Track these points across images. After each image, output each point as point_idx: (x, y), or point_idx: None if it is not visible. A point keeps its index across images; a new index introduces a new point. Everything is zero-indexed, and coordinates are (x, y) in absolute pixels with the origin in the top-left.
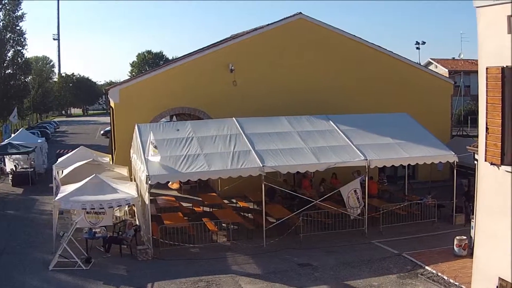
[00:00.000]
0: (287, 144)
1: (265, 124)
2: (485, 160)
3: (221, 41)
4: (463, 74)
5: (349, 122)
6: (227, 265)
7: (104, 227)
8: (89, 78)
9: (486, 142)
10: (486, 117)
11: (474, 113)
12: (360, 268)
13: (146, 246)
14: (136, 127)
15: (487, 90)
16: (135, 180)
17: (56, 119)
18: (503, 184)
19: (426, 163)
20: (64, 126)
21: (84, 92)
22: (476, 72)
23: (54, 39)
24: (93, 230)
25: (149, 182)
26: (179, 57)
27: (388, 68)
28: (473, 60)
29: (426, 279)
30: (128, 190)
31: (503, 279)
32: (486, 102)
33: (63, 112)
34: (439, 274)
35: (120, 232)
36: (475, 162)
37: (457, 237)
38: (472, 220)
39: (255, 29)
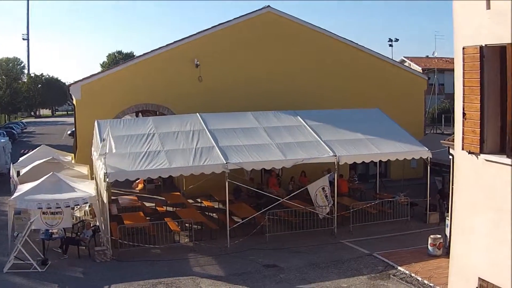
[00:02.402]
0: (252, 140)
1: (230, 120)
2: (462, 149)
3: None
4: (437, 72)
5: (317, 118)
6: (189, 266)
7: (61, 228)
8: (58, 78)
9: (463, 129)
10: (463, 101)
11: (449, 111)
12: (328, 269)
13: (104, 247)
14: (95, 123)
15: (464, 72)
16: (96, 179)
17: (24, 120)
18: (482, 175)
19: (398, 159)
20: (32, 126)
21: (53, 93)
22: (451, 70)
23: (23, 39)
24: (50, 231)
25: (107, 179)
26: (143, 53)
27: (360, 63)
28: (447, 58)
29: (398, 280)
30: (86, 188)
31: (483, 280)
32: (463, 85)
33: (32, 113)
34: (413, 274)
35: (78, 233)
36: (450, 157)
37: (431, 236)
38: (447, 218)
39: (222, 23)
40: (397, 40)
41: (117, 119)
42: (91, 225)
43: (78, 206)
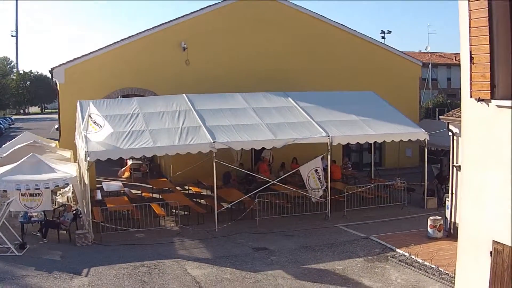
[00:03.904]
0: (241, 120)
1: (217, 101)
2: (471, 97)
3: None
4: (431, 67)
5: (309, 99)
6: (174, 250)
7: (41, 211)
8: (48, 76)
9: (471, 75)
10: (470, 44)
11: (443, 105)
12: (322, 251)
13: (85, 231)
14: (78, 104)
15: (469, 12)
16: (78, 162)
17: (13, 117)
18: (493, 124)
19: (394, 141)
20: (20, 122)
21: (42, 90)
22: (444, 64)
23: (12, 35)
24: (29, 214)
25: (88, 159)
26: (129, 36)
27: (353, 48)
28: (440, 53)
29: (397, 262)
30: (67, 170)
31: (498, 243)
32: (469, 27)
33: (21, 110)
34: (412, 256)
35: (59, 217)
36: (450, 134)
37: (431, 217)
38: (447, 200)
39: (210, 6)
40: (389, 32)
41: (100, 100)
42: (72, 208)
43: (60, 191)
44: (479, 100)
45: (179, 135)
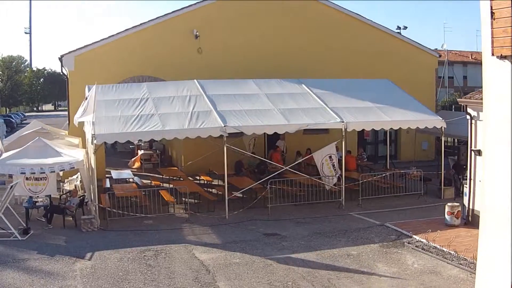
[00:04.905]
0: (253, 106)
1: (229, 86)
2: (492, 54)
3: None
4: (447, 65)
5: (323, 86)
6: (182, 235)
7: (47, 196)
8: (61, 73)
9: (492, 31)
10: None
11: (459, 103)
12: (335, 237)
13: (91, 216)
14: (86, 88)
15: None
16: (87, 149)
17: (26, 114)
18: None
19: (410, 128)
20: (33, 119)
21: (56, 87)
22: (460, 62)
23: (25, 32)
24: (34, 199)
25: (95, 141)
26: (140, 23)
27: (370, 38)
28: (456, 51)
29: (414, 248)
30: (74, 154)
31: None
32: None
33: (34, 108)
34: (430, 242)
35: (64, 202)
36: (468, 117)
37: (449, 204)
38: (465, 186)
39: None
40: (405, 27)
41: (109, 85)
42: (77, 194)
43: (68, 179)
44: (501, 57)
45: (189, 119)
